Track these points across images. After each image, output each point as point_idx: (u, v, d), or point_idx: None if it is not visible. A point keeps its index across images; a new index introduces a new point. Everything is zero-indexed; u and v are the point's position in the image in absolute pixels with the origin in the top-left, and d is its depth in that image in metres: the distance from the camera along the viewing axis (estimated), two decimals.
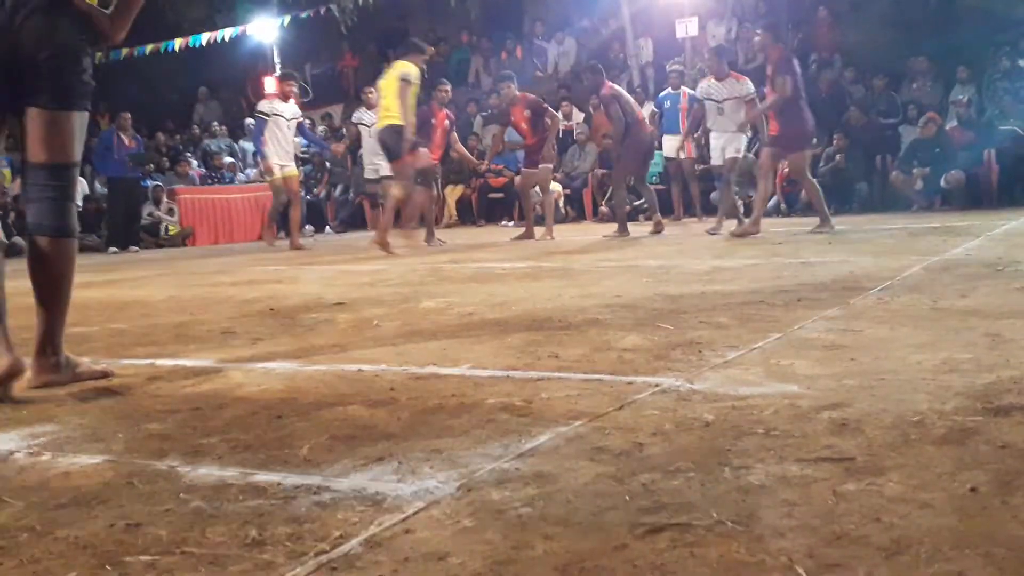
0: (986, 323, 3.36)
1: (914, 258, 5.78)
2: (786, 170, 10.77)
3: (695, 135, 12.57)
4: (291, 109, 11.43)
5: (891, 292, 4.34)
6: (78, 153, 3.13)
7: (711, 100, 10.09)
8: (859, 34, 14.95)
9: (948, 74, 14.07)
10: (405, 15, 20.72)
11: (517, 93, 10.76)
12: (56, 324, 3.08)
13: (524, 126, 10.78)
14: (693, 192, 13.14)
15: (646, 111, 12.57)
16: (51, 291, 3.08)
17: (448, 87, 11.40)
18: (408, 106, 9.07)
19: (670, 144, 13.12)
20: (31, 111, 3.01)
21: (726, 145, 9.98)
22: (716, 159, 10.22)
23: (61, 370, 3.10)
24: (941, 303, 3.90)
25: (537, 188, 11.23)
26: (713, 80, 10.15)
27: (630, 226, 10.52)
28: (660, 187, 12.96)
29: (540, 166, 10.89)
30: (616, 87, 10.85)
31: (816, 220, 9.30)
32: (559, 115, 12.47)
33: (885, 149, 13.31)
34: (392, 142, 9.01)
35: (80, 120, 3.08)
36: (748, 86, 10.02)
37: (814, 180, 9.21)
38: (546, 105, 11.20)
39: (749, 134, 10.23)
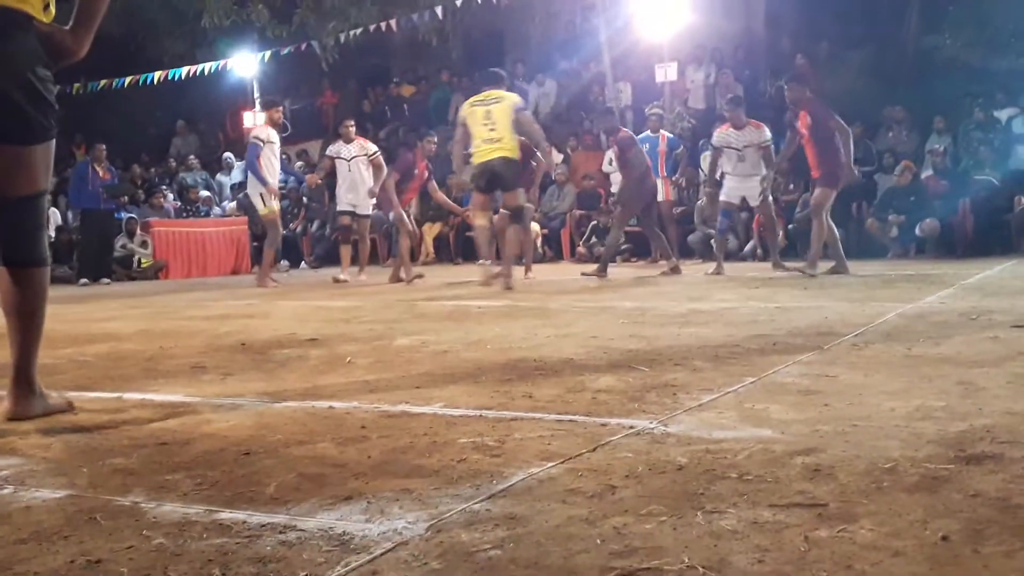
0: (959, 371, 3.36)
1: (889, 305, 5.80)
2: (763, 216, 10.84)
3: (674, 178, 12.69)
4: (277, 137, 11.18)
5: (866, 339, 4.35)
6: (47, 180, 3.05)
7: (731, 148, 10.18)
8: (836, 82, 15.08)
9: (924, 124, 14.23)
10: (386, 53, 20.80)
11: None
12: (30, 354, 3.03)
13: None
14: (671, 235, 13.19)
15: None
16: (25, 321, 3.02)
17: (435, 139, 11.55)
18: (537, 129, 9.34)
19: None
20: None
21: (752, 189, 10.13)
22: (730, 197, 10.37)
23: (36, 401, 3.04)
24: (915, 350, 3.91)
25: None
26: (731, 128, 10.26)
27: (608, 267, 10.52)
28: (637, 229, 12.99)
29: None
30: (630, 132, 10.98)
31: (792, 262, 9.39)
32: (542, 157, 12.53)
33: (861, 196, 13.39)
34: (509, 173, 8.96)
35: (47, 148, 3.00)
36: (765, 133, 10.19)
37: (828, 222, 9.33)
38: (533, 148, 11.24)
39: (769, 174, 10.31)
